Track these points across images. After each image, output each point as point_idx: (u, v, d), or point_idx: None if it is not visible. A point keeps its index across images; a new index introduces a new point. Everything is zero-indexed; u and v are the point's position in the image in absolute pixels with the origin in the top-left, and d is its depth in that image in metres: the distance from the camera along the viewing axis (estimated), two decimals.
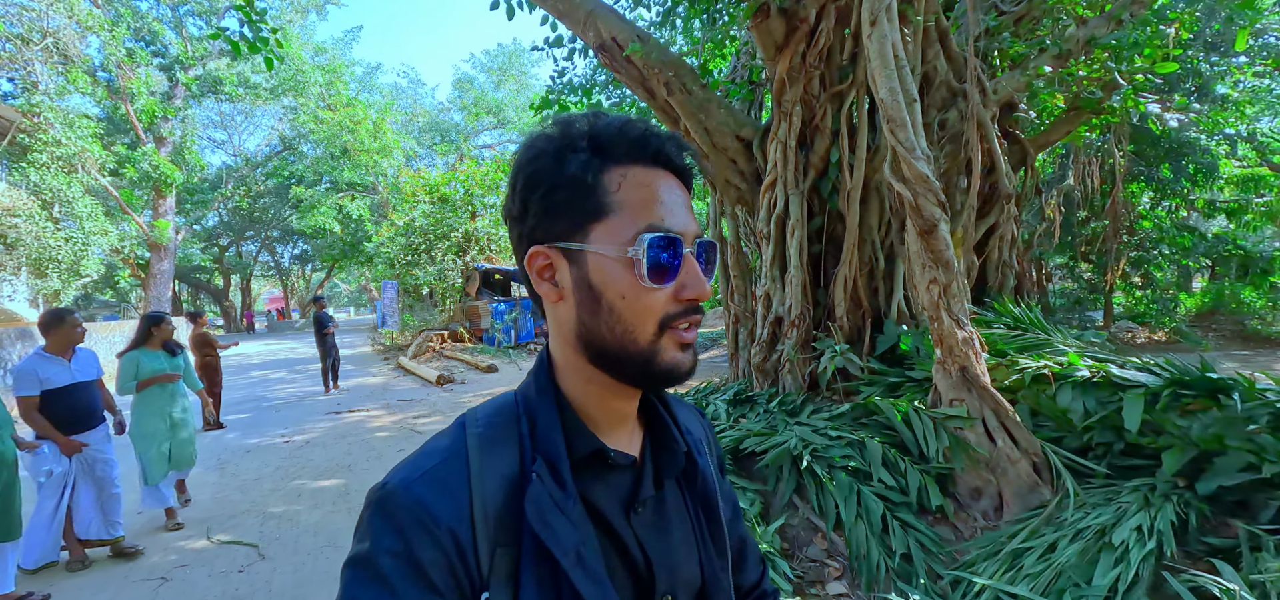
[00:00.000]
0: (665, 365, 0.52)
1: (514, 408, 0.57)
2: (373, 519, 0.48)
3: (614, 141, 0.52)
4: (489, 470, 0.51)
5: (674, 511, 0.61)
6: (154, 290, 21.40)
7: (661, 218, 0.51)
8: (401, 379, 10.69)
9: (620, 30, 3.90)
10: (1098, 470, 2.63)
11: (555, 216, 0.53)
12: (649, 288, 0.50)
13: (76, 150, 16.20)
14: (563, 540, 0.48)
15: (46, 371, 3.24)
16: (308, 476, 4.98)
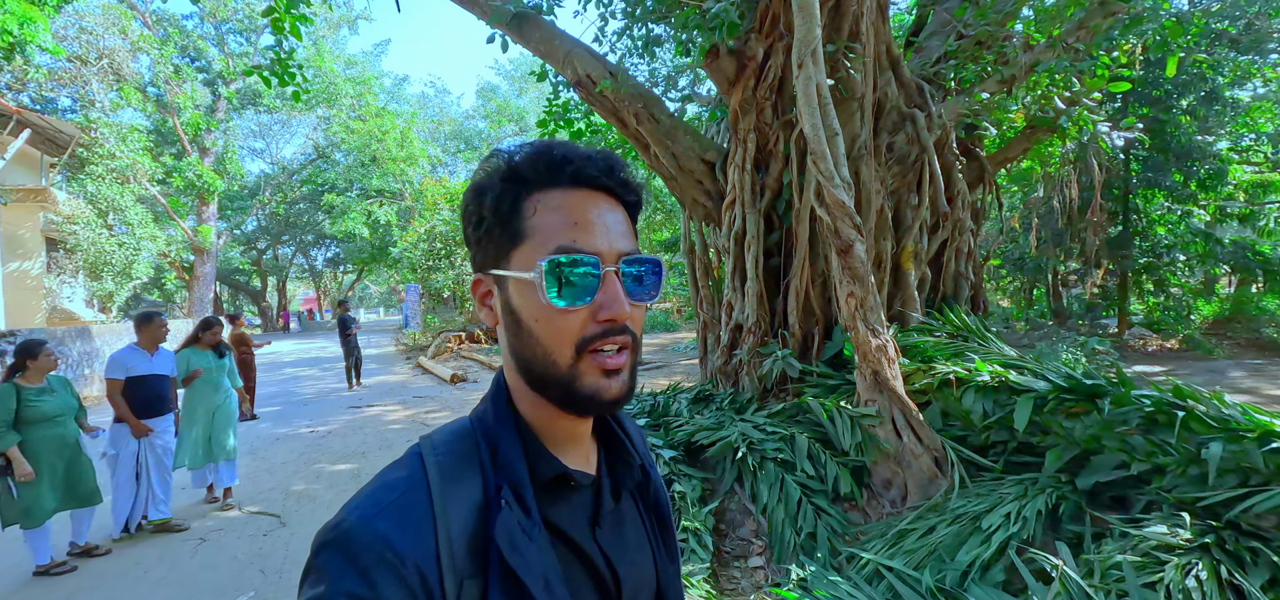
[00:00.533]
0: (586, 390, 0.51)
1: (471, 433, 0.55)
2: (330, 561, 0.45)
3: (531, 168, 0.53)
4: (453, 500, 0.49)
5: (630, 521, 0.61)
6: (197, 291, 22.76)
7: (573, 239, 0.50)
8: (419, 377, 11.36)
9: (594, 68, 4.37)
10: (993, 466, 2.97)
11: (484, 246, 0.54)
12: (559, 309, 0.49)
13: (129, 162, 17.42)
14: (532, 568, 0.47)
15: (132, 361, 3.86)
16: (326, 461, 5.58)
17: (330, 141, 28.65)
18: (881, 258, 4.26)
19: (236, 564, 3.44)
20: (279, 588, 3.13)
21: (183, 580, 3.26)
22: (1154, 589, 2.05)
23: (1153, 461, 2.55)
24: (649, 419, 4.20)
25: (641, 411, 4.35)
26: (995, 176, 5.36)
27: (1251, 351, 11.20)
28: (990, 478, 2.94)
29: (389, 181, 26.85)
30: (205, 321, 4.68)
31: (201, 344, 4.65)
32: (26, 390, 3.29)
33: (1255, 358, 10.39)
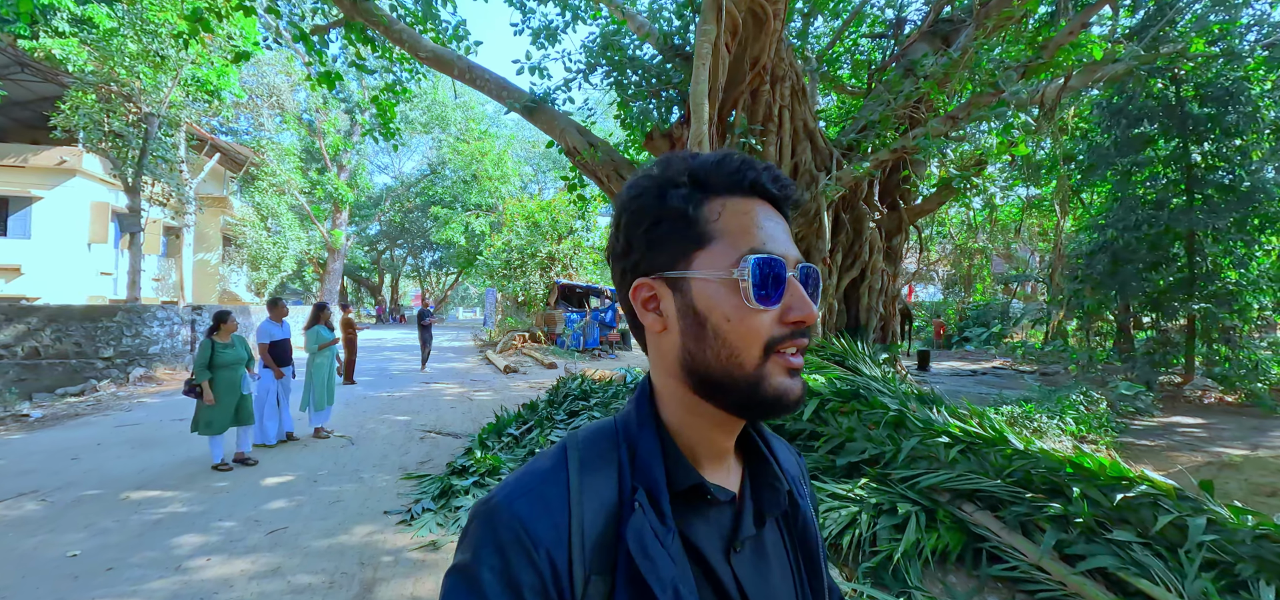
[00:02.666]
0: (772, 391, 0.51)
1: (613, 434, 0.57)
2: (477, 532, 0.49)
3: (711, 174, 0.54)
4: (589, 494, 0.51)
5: (773, 553, 0.59)
6: (328, 283, 27.25)
7: (763, 242, 0.52)
8: (483, 367, 13.58)
9: (579, 140, 6.00)
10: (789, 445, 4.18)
11: (658, 248, 0.54)
12: (754, 309, 0.50)
13: (285, 178, 21.63)
14: (662, 575, 0.47)
15: (272, 329, 6.01)
16: (392, 414, 7.66)
17: (440, 160, 32.89)
18: None
19: (325, 460, 5.42)
20: (345, 469, 5.04)
21: (297, 469, 5.27)
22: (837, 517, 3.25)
23: (883, 448, 3.70)
24: (583, 401, 5.73)
25: (581, 391, 5.88)
26: (909, 225, 6.27)
27: None
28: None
29: (485, 196, 30.38)
30: (318, 306, 6.85)
31: (323, 322, 6.80)
32: (218, 345, 5.24)
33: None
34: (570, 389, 6.40)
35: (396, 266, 42.09)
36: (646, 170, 0.57)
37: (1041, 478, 3.00)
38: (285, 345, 6.11)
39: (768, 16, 4.98)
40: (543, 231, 17.34)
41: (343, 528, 3.81)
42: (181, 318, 11.82)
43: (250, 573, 3.17)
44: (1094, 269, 12.57)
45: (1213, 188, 11.39)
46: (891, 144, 5.31)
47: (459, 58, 6.46)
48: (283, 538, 3.64)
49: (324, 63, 7.02)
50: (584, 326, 16.33)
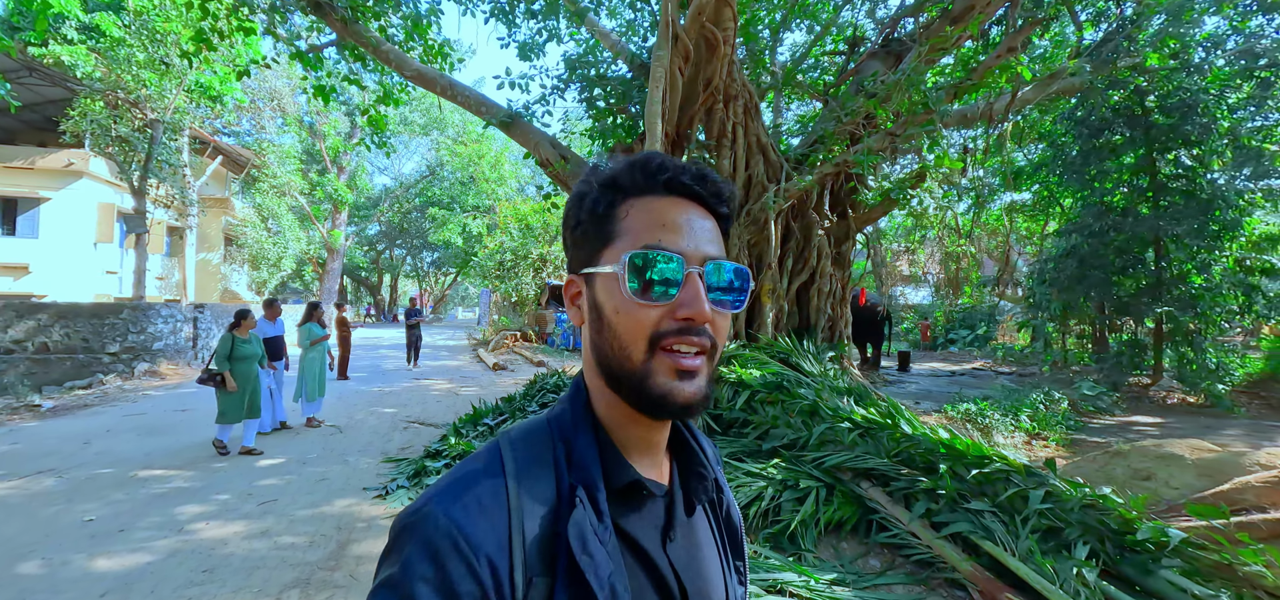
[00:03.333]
0: (657, 389, 0.51)
1: (546, 432, 0.56)
2: (407, 542, 0.46)
3: (627, 176, 0.55)
4: (527, 495, 0.50)
5: (702, 538, 0.61)
6: (327, 282, 27.77)
7: (659, 238, 0.52)
8: (474, 365, 14.08)
9: (552, 153, 6.50)
10: (718, 431, 4.67)
11: (578, 247, 0.57)
12: (638, 303, 0.51)
13: (285, 180, 22.17)
14: (600, 571, 0.48)
15: (265, 327, 6.52)
16: (380, 406, 8.16)
17: (438, 161, 33.46)
18: None
19: (314, 446, 5.93)
20: (333, 453, 5.54)
21: (289, 453, 5.77)
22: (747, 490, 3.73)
23: (800, 434, 4.18)
24: (554, 394, 6.22)
25: (554, 386, 6.38)
26: (856, 232, 6.76)
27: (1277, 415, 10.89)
28: (721, 436, 4.64)
29: (483, 198, 30.91)
30: (311, 304, 7.35)
31: (314, 319, 7.31)
32: (237, 339, 5.71)
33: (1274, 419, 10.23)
34: (545, 383, 6.89)
35: (395, 266, 42.68)
36: (586, 172, 0.59)
37: (922, 456, 3.49)
38: (278, 341, 6.64)
39: (718, 42, 5.48)
40: (535, 234, 17.86)
41: (325, 501, 4.32)
42: (184, 315, 12.34)
43: (242, 534, 3.67)
44: (1062, 273, 13.04)
45: (1176, 195, 11.85)
46: (834, 158, 5.79)
47: (440, 76, 6.96)
48: (272, 508, 4.14)
49: (319, 78, 7.54)
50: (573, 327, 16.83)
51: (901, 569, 3.15)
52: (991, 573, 2.82)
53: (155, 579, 3.10)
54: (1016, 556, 2.78)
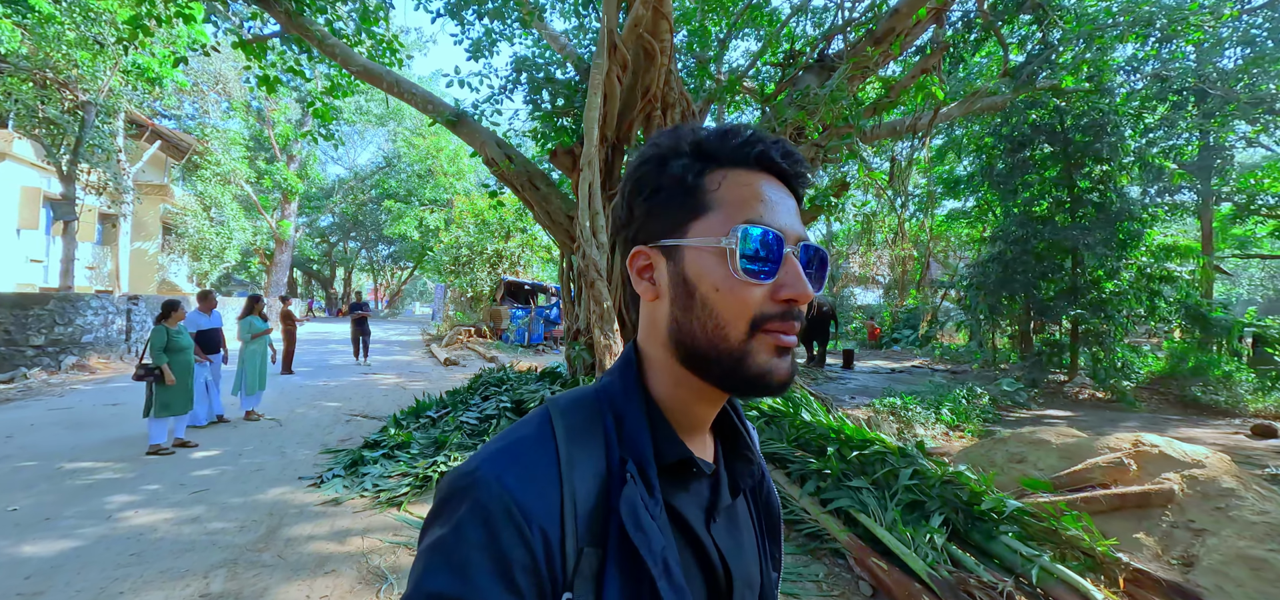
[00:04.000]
0: (756, 369, 0.50)
1: (597, 403, 0.55)
2: (459, 505, 0.46)
3: (716, 145, 0.53)
4: (579, 464, 0.50)
5: (743, 522, 0.61)
6: (275, 275, 26.90)
7: (760, 214, 0.51)
8: (425, 360, 14.04)
9: (497, 153, 6.68)
10: None
11: (657, 217, 0.54)
12: (743, 281, 0.49)
13: (230, 167, 21.38)
14: (653, 545, 0.47)
15: (199, 320, 6.46)
16: (324, 400, 8.15)
17: (395, 153, 32.78)
18: None
19: (252, 439, 5.94)
20: (270, 446, 5.58)
21: (224, 445, 5.77)
22: None
23: None
24: (497, 387, 6.43)
25: (496, 380, 6.58)
26: None
27: (1173, 408, 11.93)
28: None
29: (441, 192, 30.48)
30: (252, 298, 7.30)
31: (254, 312, 7.26)
32: (171, 330, 5.63)
33: (1169, 413, 11.21)
34: (488, 377, 7.06)
35: (349, 259, 41.54)
36: (654, 140, 0.57)
37: (815, 440, 3.88)
38: (214, 334, 6.58)
39: (656, 52, 5.78)
40: (491, 230, 17.85)
41: (259, 490, 4.41)
42: (117, 307, 11.88)
43: (172, 521, 3.75)
44: (989, 277, 13.96)
45: (1090, 207, 12.85)
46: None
47: (387, 72, 7.03)
48: (203, 497, 4.21)
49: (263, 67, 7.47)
50: (529, 322, 16.92)
51: (794, 541, 3.51)
52: (864, 541, 3.20)
53: (81, 563, 3.18)
54: (883, 526, 3.17)
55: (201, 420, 6.35)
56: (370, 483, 4.45)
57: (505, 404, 5.88)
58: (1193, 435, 8.89)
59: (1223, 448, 7.79)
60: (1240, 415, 10.46)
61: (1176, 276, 12.75)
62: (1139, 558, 3.37)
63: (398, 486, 4.34)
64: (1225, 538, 3.29)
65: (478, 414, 5.84)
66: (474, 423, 5.65)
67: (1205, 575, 3.15)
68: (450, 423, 5.74)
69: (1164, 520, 3.57)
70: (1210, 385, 12.06)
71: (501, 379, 6.90)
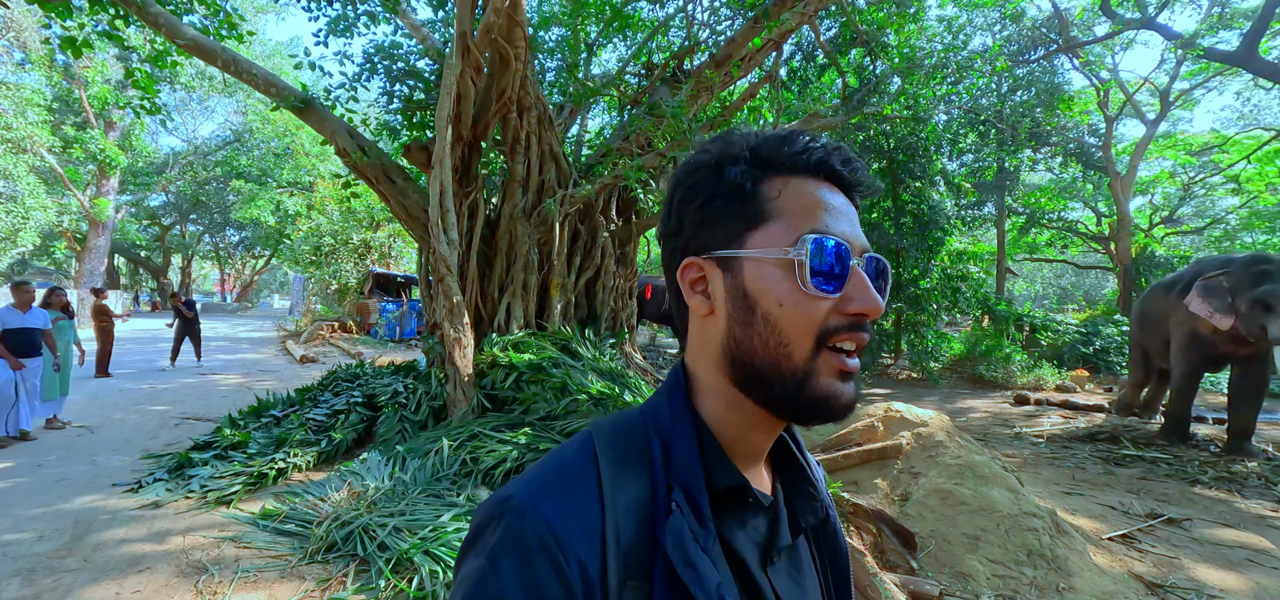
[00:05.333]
0: (820, 392, 0.48)
1: (643, 426, 0.53)
2: (493, 535, 0.45)
3: (774, 151, 0.51)
4: (623, 493, 0.47)
5: (806, 567, 0.57)
6: (88, 262, 23.06)
7: (826, 224, 0.49)
8: (279, 358, 13.07)
9: (350, 143, 6.57)
10: (488, 407, 5.33)
11: (711, 226, 0.51)
12: (810, 294, 0.47)
13: (25, 133, 18.04)
14: (707, 584, 0.44)
15: (8, 317, 5.60)
16: (149, 404, 7.46)
17: (246, 127, 29.37)
18: (527, 285, 6.66)
19: (54, 449, 5.39)
20: (78, 455, 5.12)
21: (18, 456, 5.17)
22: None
23: (553, 406, 4.97)
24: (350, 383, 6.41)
25: (350, 375, 6.56)
26: (640, 236, 7.96)
27: (966, 384, 14.39)
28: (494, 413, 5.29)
29: (302, 174, 27.89)
30: (50, 290, 6.52)
31: (52, 307, 6.47)
32: None
33: (963, 389, 13.48)
34: (342, 373, 6.94)
35: (189, 246, 36.56)
36: (706, 146, 0.54)
37: None
38: (29, 334, 5.75)
39: (511, 58, 6.07)
40: (357, 217, 16.86)
41: (63, 499, 4.12)
42: None
43: None
44: None
45: (909, 216, 15.06)
46: (609, 172, 6.74)
47: (222, 48, 6.60)
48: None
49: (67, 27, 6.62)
50: (400, 316, 16.30)
51: None
52: None
53: None
54: None
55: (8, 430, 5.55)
56: (197, 484, 4.33)
57: (356, 399, 5.89)
58: (972, 405, 10.96)
59: (991, 414, 9.77)
60: (1011, 388, 12.85)
61: (971, 275, 15.46)
62: (874, 497, 4.36)
63: (229, 485, 4.28)
64: (931, 477, 4.36)
65: (327, 410, 5.79)
66: (322, 419, 5.61)
67: (913, 506, 4.18)
68: (295, 420, 5.64)
69: (896, 468, 4.63)
70: (993, 365, 14.66)
71: (357, 374, 6.83)
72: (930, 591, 3.18)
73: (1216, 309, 5.72)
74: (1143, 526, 4.44)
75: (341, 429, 5.36)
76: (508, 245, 6.65)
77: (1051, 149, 19.76)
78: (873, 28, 9.11)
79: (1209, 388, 10.97)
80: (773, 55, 8.41)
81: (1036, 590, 3.44)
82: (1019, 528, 3.81)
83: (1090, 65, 17.31)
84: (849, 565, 0.62)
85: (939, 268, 15.39)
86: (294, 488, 4.28)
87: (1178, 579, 3.65)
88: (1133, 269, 19.06)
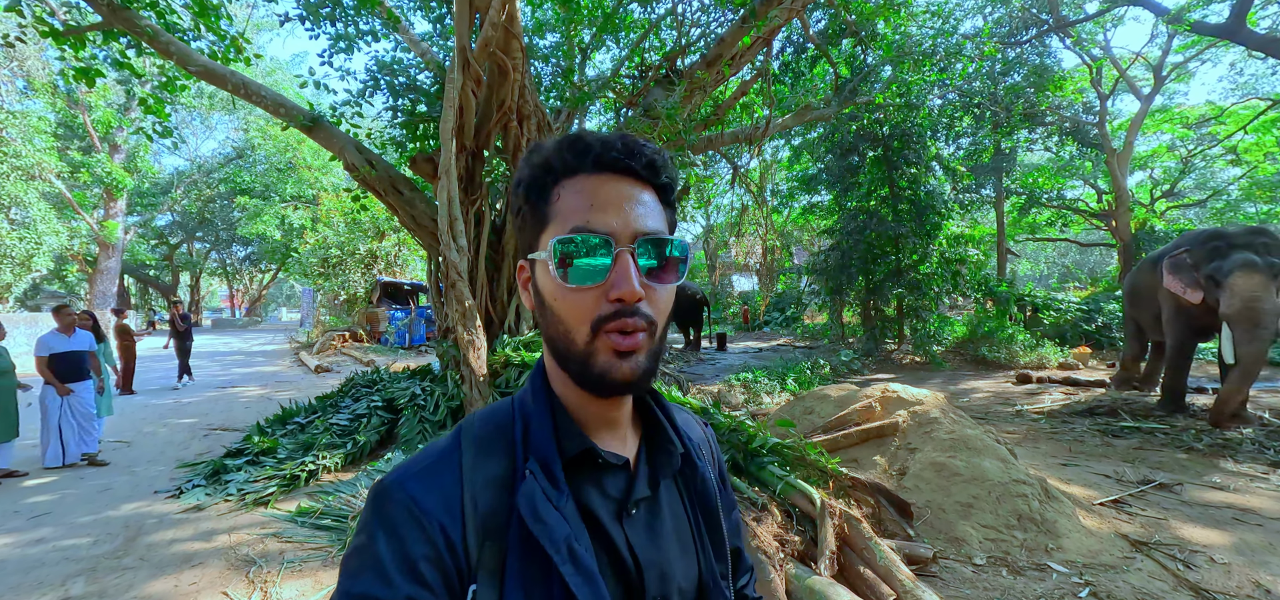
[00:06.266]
0: (597, 369, 0.53)
1: (509, 412, 0.60)
2: (370, 512, 0.52)
3: (556, 158, 0.56)
4: (480, 469, 0.55)
5: (670, 515, 0.62)
6: (100, 284, 23.46)
7: (588, 220, 0.53)
8: (294, 369, 13.37)
9: (358, 158, 6.82)
10: None
11: (521, 232, 0.60)
12: (571, 288, 0.52)
13: (34, 160, 18.39)
14: (554, 534, 0.50)
15: (53, 342, 5.59)
16: (176, 417, 7.75)
17: (248, 143, 29.69)
18: None
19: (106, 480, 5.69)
20: (117, 466, 5.40)
21: (61, 471, 5.46)
22: None
23: None
24: (368, 388, 6.67)
25: (368, 381, 6.82)
26: None
27: (969, 366, 14.53)
28: None
29: (305, 188, 28.21)
30: (81, 312, 6.79)
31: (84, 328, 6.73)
32: None
33: (965, 371, 13.63)
34: (360, 379, 7.21)
35: (196, 263, 36.99)
36: (524, 160, 0.60)
37: None
38: (76, 358, 5.68)
39: (509, 69, 6.30)
40: (363, 228, 17.15)
41: (110, 507, 4.40)
42: None
43: (13, 544, 3.72)
44: (828, 264, 16.10)
45: (906, 202, 15.20)
46: None
47: (232, 73, 6.85)
48: (45, 520, 4.15)
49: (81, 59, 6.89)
50: (409, 323, 16.59)
51: None
52: None
53: None
54: None
55: (57, 460, 5.46)
56: (234, 488, 4.60)
57: (376, 403, 6.15)
58: (975, 385, 11.13)
59: (993, 393, 9.96)
60: (1014, 368, 12.99)
61: (969, 258, 15.60)
62: (873, 473, 4.59)
63: (264, 488, 4.55)
64: (926, 452, 4.59)
65: (349, 415, 6.05)
66: (345, 423, 5.87)
67: (910, 479, 4.40)
68: (319, 425, 5.91)
69: (893, 445, 4.85)
70: (996, 345, 14.79)
71: (374, 380, 7.09)
72: (924, 554, 3.41)
73: (1186, 284, 5.91)
74: (1134, 491, 4.65)
75: (365, 432, 5.63)
76: (514, 249, 6.89)
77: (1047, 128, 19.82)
78: (862, 17, 9.28)
79: (1210, 359, 11.15)
80: (763, 51, 8.61)
81: (1026, 551, 3.67)
82: (1009, 495, 4.03)
83: (1082, 43, 17.39)
84: (716, 499, 0.67)
85: (938, 252, 15.54)
86: (325, 487, 4.55)
87: (1163, 537, 3.86)
88: (1133, 244, 19.16)
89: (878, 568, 2.96)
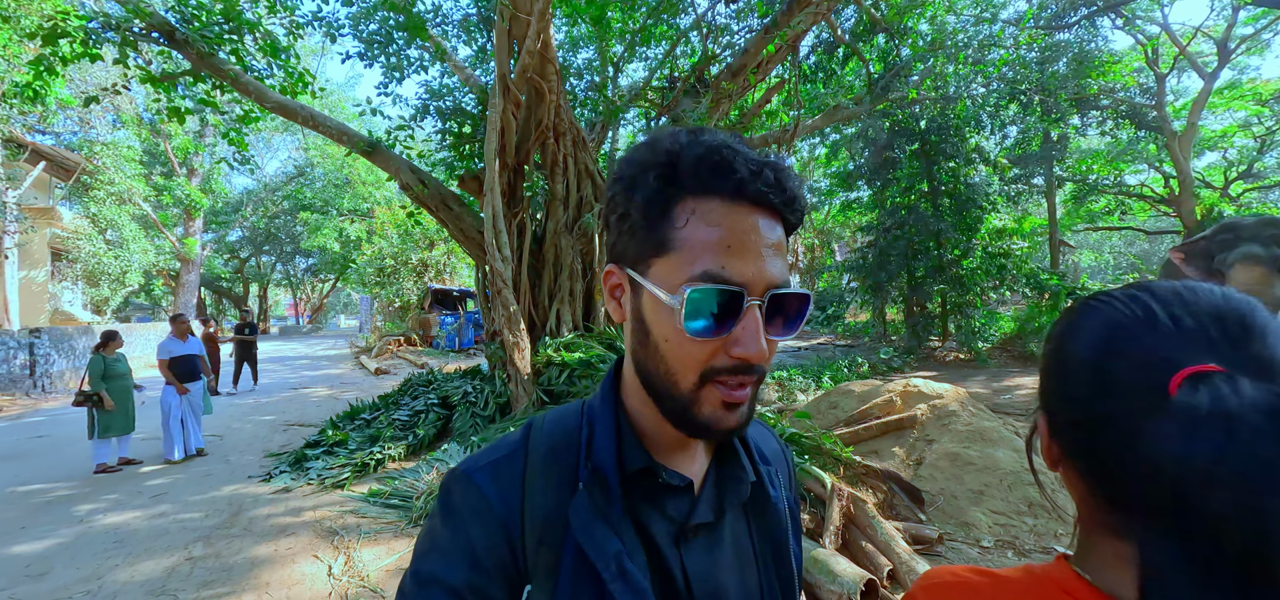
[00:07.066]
0: (703, 419, 0.51)
1: (578, 416, 0.59)
2: (441, 498, 0.55)
3: (691, 169, 0.50)
4: (543, 473, 0.55)
5: (732, 544, 0.59)
6: (182, 296, 25.63)
7: (722, 266, 0.48)
8: (356, 371, 14.41)
9: (412, 178, 7.49)
10: (547, 401, 6.06)
11: (626, 241, 0.53)
12: (693, 338, 0.48)
13: (126, 186, 20.35)
14: (604, 550, 0.49)
15: (172, 347, 6.36)
16: (257, 415, 8.66)
17: (308, 161, 31.74)
18: (574, 291, 7.40)
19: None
20: (213, 455, 6.20)
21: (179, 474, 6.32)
22: None
23: None
24: (425, 387, 7.32)
25: (423, 381, 7.47)
26: None
27: (1016, 363, 14.20)
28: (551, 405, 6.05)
29: (360, 202, 29.94)
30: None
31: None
32: (108, 358, 6.00)
33: (1012, 368, 13.36)
34: (417, 380, 7.89)
35: (263, 276, 39.69)
36: (631, 155, 0.54)
37: None
38: (190, 361, 6.38)
39: (545, 91, 6.82)
40: (414, 239, 18.22)
41: (214, 488, 5.14)
42: (17, 342, 11.54)
43: (141, 517, 4.46)
44: (866, 262, 16.00)
45: (946, 196, 14.98)
46: None
47: (302, 107, 7.65)
48: (164, 498, 4.90)
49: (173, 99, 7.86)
50: (458, 328, 17.50)
51: None
52: None
53: (71, 554, 3.88)
54: None
55: (176, 454, 6.11)
56: (314, 473, 5.27)
57: (433, 401, 6.78)
58: (1020, 382, 10.97)
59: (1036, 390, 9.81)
60: None
61: (1013, 252, 15.21)
62: (891, 463, 4.83)
63: (340, 473, 5.20)
64: (943, 443, 4.80)
65: (408, 411, 6.70)
66: (405, 419, 6.51)
67: (925, 468, 4.63)
68: (383, 421, 6.58)
69: (912, 437, 5.07)
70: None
71: (429, 379, 7.75)
72: (929, 534, 3.67)
73: (1199, 274, 5.83)
74: None
75: (423, 426, 6.25)
76: (554, 257, 7.42)
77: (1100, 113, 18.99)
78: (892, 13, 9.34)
79: None
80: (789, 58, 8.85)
81: (1034, 536, 3.87)
82: (1021, 482, 4.21)
83: (1136, 21, 16.62)
84: (786, 541, 0.63)
85: (981, 246, 15.23)
86: (391, 474, 5.16)
87: None
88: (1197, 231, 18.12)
89: (878, 542, 3.25)
